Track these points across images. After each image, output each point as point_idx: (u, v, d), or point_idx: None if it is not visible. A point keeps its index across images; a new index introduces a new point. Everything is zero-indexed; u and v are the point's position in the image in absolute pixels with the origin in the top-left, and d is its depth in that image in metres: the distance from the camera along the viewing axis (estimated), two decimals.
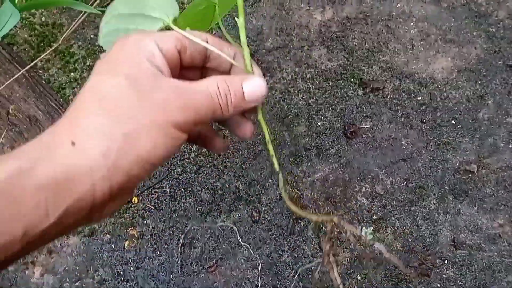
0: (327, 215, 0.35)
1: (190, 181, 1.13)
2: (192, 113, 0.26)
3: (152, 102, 0.25)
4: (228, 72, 0.32)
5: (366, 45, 1.20)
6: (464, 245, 1.04)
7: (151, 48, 0.27)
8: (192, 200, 1.11)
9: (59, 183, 0.23)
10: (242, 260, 1.05)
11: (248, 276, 1.04)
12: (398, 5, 1.22)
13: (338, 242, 1.06)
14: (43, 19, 1.28)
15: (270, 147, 0.35)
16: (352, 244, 1.05)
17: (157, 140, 0.25)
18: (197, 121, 0.27)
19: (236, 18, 0.32)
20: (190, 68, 0.31)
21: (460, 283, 1.01)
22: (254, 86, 0.29)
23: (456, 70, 1.17)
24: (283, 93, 1.19)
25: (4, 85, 1.13)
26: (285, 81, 1.21)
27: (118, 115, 0.25)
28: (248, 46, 0.32)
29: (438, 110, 1.14)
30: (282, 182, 0.36)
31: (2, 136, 1.19)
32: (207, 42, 0.30)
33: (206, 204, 1.10)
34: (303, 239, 1.06)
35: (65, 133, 0.25)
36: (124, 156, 0.24)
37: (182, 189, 1.12)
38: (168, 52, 0.28)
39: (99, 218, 0.27)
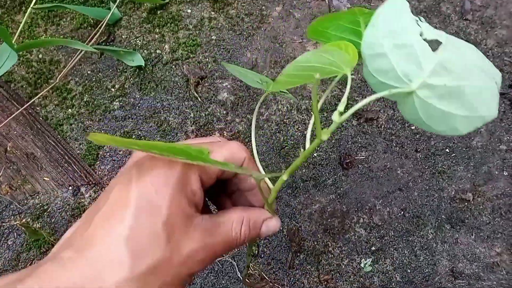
0: None
1: None
2: (210, 257, 0.28)
3: (179, 254, 0.25)
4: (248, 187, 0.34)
5: (359, 76, 1.24)
6: (463, 275, 1.05)
7: (194, 186, 0.27)
8: None
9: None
10: None
11: None
12: None
13: (338, 274, 1.08)
14: (40, 56, 1.31)
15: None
16: (351, 276, 1.07)
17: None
18: (208, 259, 0.29)
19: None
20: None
21: None
22: (270, 227, 0.32)
23: None
24: (279, 125, 1.22)
25: (2, 124, 1.16)
26: (280, 112, 1.24)
27: (140, 256, 0.24)
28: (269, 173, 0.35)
29: (432, 139, 1.17)
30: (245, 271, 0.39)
31: (0, 174, 1.20)
32: (241, 165, 0.32)
33: None
34: (303, 272, 1.08)
35: (79, 263, 0.24)
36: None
37: None
38: (207, 183, 0.29)
39: None
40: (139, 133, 1.22)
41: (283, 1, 1.31)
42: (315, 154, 1.19)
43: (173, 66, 1.26)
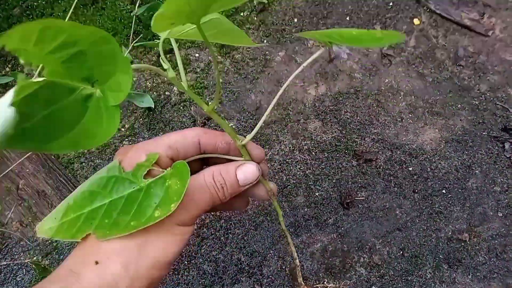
0: None
1: (193, 253, 1.22)
2: (193, 210, 0.32)
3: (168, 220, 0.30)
4: (227, 151, 0.37)
5: (358, 118, 1.35)
6: None
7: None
8: (195, 273, 1.20)
9: None
10: None
11: None
12: (387, 80, 1.38)
13: None
14: None
15: (275, 203, 0.39)
16: None
17: (166, 241, 0.30)
18: (199, 214, 0.33)
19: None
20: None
21: None
22: (247, 172, 0.35)
23: (444, 141, 1.30)
24: (282, 164, 1.32)
25: (16, 163, 1.25)
26: (283, 152, 1.33)
27: None
28: (240, 135, 0.38)
29: (429, 180, 1.26)
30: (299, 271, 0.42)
31: (12, 211, 1.29)
32: (199, 142, 0.34)
33: (209, 277, 1.19)
34: None
35: (88, 254, 0.29)
36: (142, 264, 0.29)
37: (185, 262, 1.21)
38: (161, 161, 0.32)
39: None
40: None
41: (286, 47, 1.43)
42: (316, 194, 1.27)
43: (181, 107, 1.37)
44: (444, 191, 1.25)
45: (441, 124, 1.33)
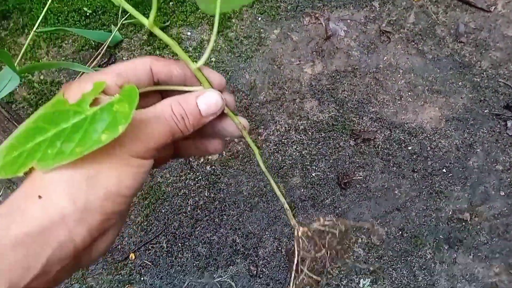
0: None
1: (187, 235, 1.20)
2: (150, 142, 0.29)
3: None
4: (183, 81, 0.34)
5: (356, 96, 1.32)
6: None
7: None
8: (189, 255, 1.18)
9: (35, 237, 0.25)
10: None
11: None
12: (385, 58, 1.35)
13: None
14: (41, 77, 1.40)
15: (246, 136, 0.36)
16: None
17: (120, 172, 0.27)
18: (158, 147, 0.29)
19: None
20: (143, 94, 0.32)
21: None
22: (208, 101, 0.31)
23: (444, 120, 1.28)
24: (277, 145, 1.29)
25: (2, 144, 1.23)
26: (278, 133, 1.31)
27: (77, 161, 0.26)
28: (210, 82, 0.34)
29: (428, 159, 1.24)
30: (288, 209, 0.39)
31: (0, 193, 1.27)
32: (151, 70, 0.31)
33: (203, 259, 1.17)
34: None
35: (32, 188, 0.26)
36: (92, 196, 0.26)
37: (179, 244, 1.19)
38: (110, 90, 0.29)
39: (89, 260, 0.29)
40: None
41: (281, 24, 1.40)
42: (313, 174, 1.25)
43: None
44: (444, 170, 1.22)
45: (441, 102, 1.30)
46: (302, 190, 1.24)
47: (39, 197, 0.26)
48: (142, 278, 1.16)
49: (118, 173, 0.28)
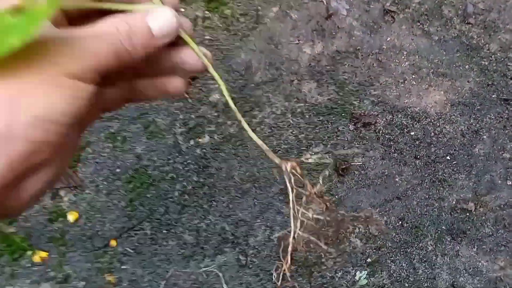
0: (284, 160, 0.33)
1: (173, 222, 1.13)
2: (89, 60, 0.25)
3: (35, 55, 0.23)
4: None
5: (357, 79, 1.25)
6: None
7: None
8: (175, 243, 1.11)
9: None
10: None
11: None
12: (389, 38, 1.28)
13: (331, 287, 1.06)
14: None
15: (211, 70, 0.31)
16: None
17: (51, 94, 0.23)
18: (99, 69, 0.25)
19: None
20: (83, 18, 0.28)
21: None
22: (160, 20, 0.27)
23: (449, 104, 1.21)
24: (273, 128, 1.22)
25: None
26: (274, 115, 1.24)
27: (0, 79, 0.23)
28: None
29: (432, 145, 1.17)
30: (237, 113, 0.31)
31: None
32: None
33: (189, 247, 1.10)
34: (293, 285, 1.06)
35: None
36: (16, 120, 0.22)
37: (164, 231, 1.12)
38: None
39: (18, 205, 0.25)
40: (125, 134, 1.22)
41: (280, 2, 1.33)
42: (310, 160, 1.18)
43: None
44: (448, 157, 1.16)
45: (447, 86, 1.23)
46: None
47: None
48: (123, 267, 1.09)
49: (48, 95, 0.23)
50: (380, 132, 1.19)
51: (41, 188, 0.25)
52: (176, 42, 0.29)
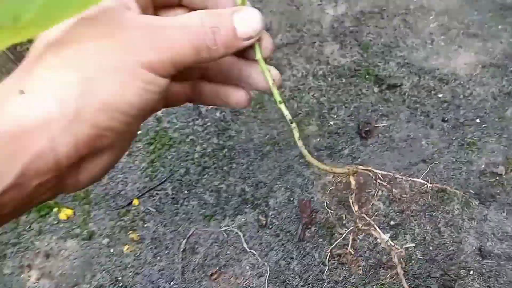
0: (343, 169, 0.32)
1: (193, 183, 1.15)
2: (168, 52, 0.24)
3: (114, 41, 0.23)
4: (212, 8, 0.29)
5: (382, 40, 1.22)
6: (491, 254, 1.01)
7: None
8: (195, 203, 1.12)
9: (10, 138, 0.21)
10: (248, 267, 1.05)
11: (254, 284, 1.03)
12: None
13: (352, 249, 1.05)
14: None
15: (276, 93, 0.30)
16: (366, 251, 1.04)
17: (124, 83, 0.23)
18: (176, 62, 0.24)
19: None
20: (165, 7, 0.29)
21: None
22: (247, 19, 0.26)
23: (480, 66, 1.17)
24: (293, 91, 1.21)
25: None
26: (295, 78, 1.23)
27: (74, 59, 0.23)
28: None
29: (461, 108, 1.13)
30: (297, 132, 0.31)
31: None
32: None
33: (210, 207, 1.12)
34: (314, 245, 1.06)
35: (14, 83, 0.22)
36: (86, 103, 0.22)
37: (185, 191, 1.14)
38: None
39: (76, 184, 0.25)
40: None
41: None
42: (331, 122, 1.17)
43: None
44: (478, 120, 1.12)
45: (477, 46, 1.19)
46: (318, 139, 1.16)
47: (21, 91, 0.22)
48: (145, 225, 1.11)
49: (120, 84, 0.23)
50: (406, 94, 1.17)
51: (100, 170, 0.26)
52: (247, 51, 0.29)
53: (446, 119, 1.13)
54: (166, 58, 0.24)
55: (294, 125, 0.31)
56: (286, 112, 0.30)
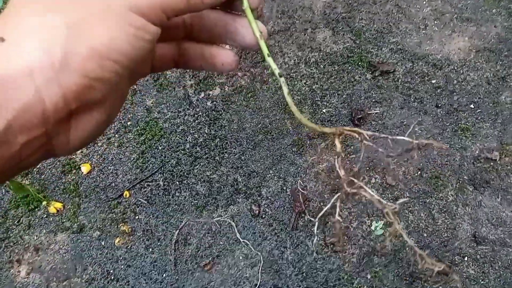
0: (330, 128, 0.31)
1: (185, 173, 1.13)
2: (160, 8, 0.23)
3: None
4: None
5: (375, 26, 1.20)
6: (486, 240, 1.01)
7: None
8: (187, 194, 1.11)
9: None
10: (241, 258, 1.04)
11: (247, 274, 1.03)
12: None
13: (345, 237, 1.05)
14: None
15: (263, 45, 0.29)
16: (360, 239, 1.03)
17: (113, 29, 0.22)
18: (167, 8, 0.23)
19: None
20: None
21: (482, 282, 0.98)
22: None
23: (474, 51, 1.15)
24: (285, 79, 1.19)
25: None
26: (287, 66, 1.21)
27: (59, 2, 0.21)
28: None
29: (455, 93, 1.12)
30: (286, 87, 0.30)
31: None
32: None
33: (202, 198, 1.10)
34: (307, 234, 1.05)
35: None
36: (73, 50, 0.21)
37: (177, 182, 1.13)
38: None
39: (66, 146, 0.24)
40: (135, 86, 1.21)
41: None
42: (323, 110, 1.16)
43: None
44: (472, 105, 1.11)
45: (471, 31, 1.17)
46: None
47: (1, 39, 0.20)
48: (136, 217, 1.10)
49: (110, 29, 0.21)
50: (399, 80, 1.15)
51: (91, 130, 0.24)
52: (235, 6, 0.28)
53: (439, 105, 1.12)
54: (156, 3, 0.23)
55: (283, 79, 0.30)
56: (274, 66, 0.29)
